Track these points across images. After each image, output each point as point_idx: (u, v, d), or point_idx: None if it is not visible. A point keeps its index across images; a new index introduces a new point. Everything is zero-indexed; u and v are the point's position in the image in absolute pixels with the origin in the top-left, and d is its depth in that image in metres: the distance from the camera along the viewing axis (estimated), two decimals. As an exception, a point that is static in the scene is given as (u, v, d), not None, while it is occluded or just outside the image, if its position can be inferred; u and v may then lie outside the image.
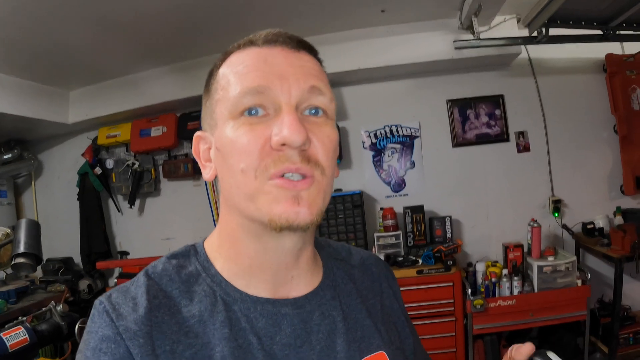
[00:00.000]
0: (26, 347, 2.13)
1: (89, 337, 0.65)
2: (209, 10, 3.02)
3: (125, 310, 0.65)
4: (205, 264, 0.74)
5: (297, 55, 0.70)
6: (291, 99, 0.66)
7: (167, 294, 0.69)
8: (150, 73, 3.97)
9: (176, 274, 0.72)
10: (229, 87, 0.68)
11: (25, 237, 2.14)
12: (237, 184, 0.66)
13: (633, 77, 3.66)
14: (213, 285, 0.71)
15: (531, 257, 3.35)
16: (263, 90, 0.65)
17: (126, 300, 0.67)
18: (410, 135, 3.98)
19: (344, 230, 3.69)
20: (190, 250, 0.77)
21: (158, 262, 0.74)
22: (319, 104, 0.69)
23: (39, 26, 2.89)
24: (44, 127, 4.23)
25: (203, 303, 0.69)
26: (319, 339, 0.72)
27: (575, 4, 2.82)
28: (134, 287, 0.69)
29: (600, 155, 3.81)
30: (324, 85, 0.69)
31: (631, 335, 3.30)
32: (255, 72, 0.66)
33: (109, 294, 0.69)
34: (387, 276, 0.92)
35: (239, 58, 0.70)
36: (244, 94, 0.65)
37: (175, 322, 0.66)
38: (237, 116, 0.66)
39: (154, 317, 0.65)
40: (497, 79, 3.90)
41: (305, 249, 0.75)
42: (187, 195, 4.33)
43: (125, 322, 0.64)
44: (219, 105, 0.69)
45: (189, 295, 0.70)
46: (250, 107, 0.66)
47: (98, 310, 0.66)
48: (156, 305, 0.67)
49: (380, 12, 3.35)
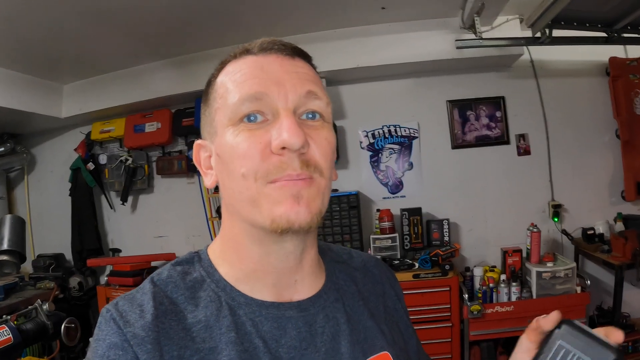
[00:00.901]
0: (10, 346, 2.09)
1: (96, 345, 0.65)
2: (204, 5, 2.98)
3: (132, 317, 0.66)
4: (210, 270, 0.75)
5: (292, 62, 0.72)
6: (288, 103, 0.68)
7: (172, 300, 0.70)
8: (145, 67, 3.92)
9: (181, 280, 0.73)
10: (227, 95, 0.70)
11: (9, 234, 2.09)
12: (238, 188, 0.68)
13: (636, 81, 3.62)
14: (218, 291, 0.73)
15: (530, 263, 3.30)
16: (261, 96, 0.67)
17: (133, 307, 0.68)
18: (408, 135, 3.92)
19: (339, 231, 3.65)
20: (194, 257, 0.79)
21: (163, 269, 0.76)
22: (316, 108, 0.71)
23: (33, 18, 2.84)
24: (37, 121, 4.19)
25: (209, 308, 0.70)
26: (323, 341, 0.73)
27: (579, 5, 2.78)
28: (139, 295, 0.70)
29: (602, 160, 3.76)
30: (319, 89, 0.72)
31: (630, 344, 3.24)
32: (252, 80, 0.68)
33: (115, 302, 0.70)
34: (389, 277, 0.93)
35: (236, 67, 0.72)
36: (243, 101, 0.67)
37: (182, 328, 0.67)
38: (236, 123, 0.68)
39: (160, 324, 0.66)
40: (498, 80, 3.86)
41: (308, 253, 0.76)
42: (180, 192, 4.28)
43: (133, 328, 0.65)
44: (218, 113, 0.72)
45: (195, 301, 0.71)
46: (249, 114, 0.67)
47: (105, 318, 0.67)
48: (163, 312, 0.68)
49: (380, 9, 3.30)
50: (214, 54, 3.53)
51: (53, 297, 3.20)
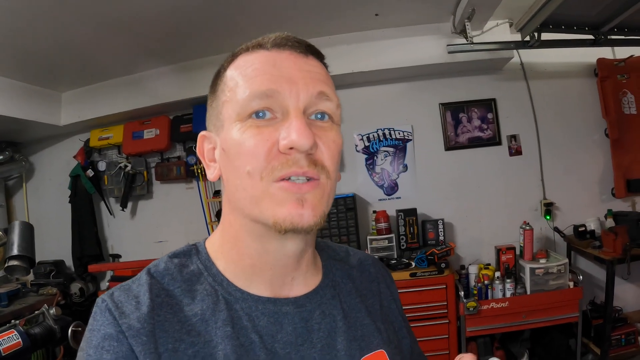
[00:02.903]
0: (19, 350, 2.11)
1: (91, 335, 0.65)
2: (203, 13, 3.01)
3: (128, 309, 0.66)
4: (207, 263, 0.75)
5: (306, 60, 0.70)
6: (299, 103, 0.66)
7: (169, 292, 0.69)
8: (143, 75, 3.95)
9: (178, 272, 0.72)
10: (237, 89, 0.68)
11: (18, 239, 2.12)
12: (242, 185, 0.67)
13: (624, 81, 3.69)
14: (215, 284, 0.72)
15: (523, 260, 3.38)
16: (272, 93, 0.66)
17: (129, 298, 0.67)
18: (403, 138, 3.99)
19: (337, 233, 3.70)
20: (192, 250, 0.78)
21: (160, 260, 0.75)
22: (326, 110, 0.70)
23: (31, 27, 2.87)
24: (36, 129, 4.20)
25: (205, 302, 0.70)
26: (319, 338, 0.73)
27: (567, 10, 2.83)
28: (136, 286, 0.70)
29: (592, 159, 3.83)
30: (331, 91, 0.70)
31: (623, 337, 3.32)
32: (264, 76, 0.67)
33: (111, 292, 0.69)
34: (385, 277, 0.93)
35: (248, 60, 0.70)
36: (253, 97, 0.66)
37: (178, 321, 0.67)
38: (244, 118, 0.67)
39: (156, 316, 0.66)
40: (489, 83, 3.92)
41: (306, 251, 0.76)
42: (179, 198, 4.31)
43: (128, 320, 0.64)
44: (226, 106, 0.70)
45: (191, 294, 0.70)
46: (258, 110, 0.66)
47: (100, 308, 0.66)
48: (159, 304, 0.67)
49: (374, 16, 3.36)
50: (212, 60, 3.56)
51: (56, 303, 3.23)
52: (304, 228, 0.65)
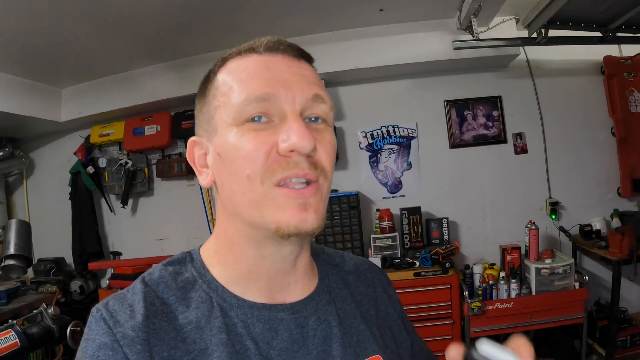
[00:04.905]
0: (17, 351, 2.09)
1: (86, 345, 0.64)
2: (203, 7, 2.98)
3: (123, 318, 0.65)
4: (201, 270, 0.74)
5: (298, 64, 0.71)
6: (296, 106, 0.67)
7: (163, 300, 0.69)
8: (144, 70, 3.92)
9: (172, 280, 0.72)
10: (231, 93, 0.68)
11: (15, 238, 2.10)
12: (242, 190, 0.67)
13: (631, 79, 3.67)
14: (209, 292, 0.72)
15: (529, 260, 3.34)
16: (268, 97, 0.66)
17: (123, 307, 0.67)
18: (407, 136, 3.95)
19: (339, 231, 3.65)
20: (186, 257, 0.78)
21: (154, 269, 0.75)
22: (321, 112, 0.71)
23: (32, 23, 2.84)
24: (36, 125, 4.18)
25: (200, 309, 0.69)
26: (315, 344, 0.72)
27: (575, 6, 2.81)
28: (130, 294, 0.69)
29: (598, 158, 3.80)
30: (325, 93, 0.71)
31: (628, 338, 3.28)
32: (259, 80, 0.67)
33: (105, 302, 0.69)
34: (381, 281, 0.92)
35: (240, 65, 0.70)
36: (249, 101, 0.66)
37: (173, 329, 0.67)
38: (241, 123, 0.66)
39: (151, 324, 0.65)
40: (495, 80, 3.89)
41: (302, 256, 0.76)
42: (180, 195, 4.28)
43: (123, 329, 0.64)
44: (219, 111, 0.69)
45: (186, 301, 0.70)
46: (255, 115, 0.66)
47: (95, 318, 0.66)
48: (153, 312, 0.67)
49: (378, 11, 3.33)
50: (213, 56, 3.46)
51: (55, 301, 3.21)
52: (308, 232, 0.65)
